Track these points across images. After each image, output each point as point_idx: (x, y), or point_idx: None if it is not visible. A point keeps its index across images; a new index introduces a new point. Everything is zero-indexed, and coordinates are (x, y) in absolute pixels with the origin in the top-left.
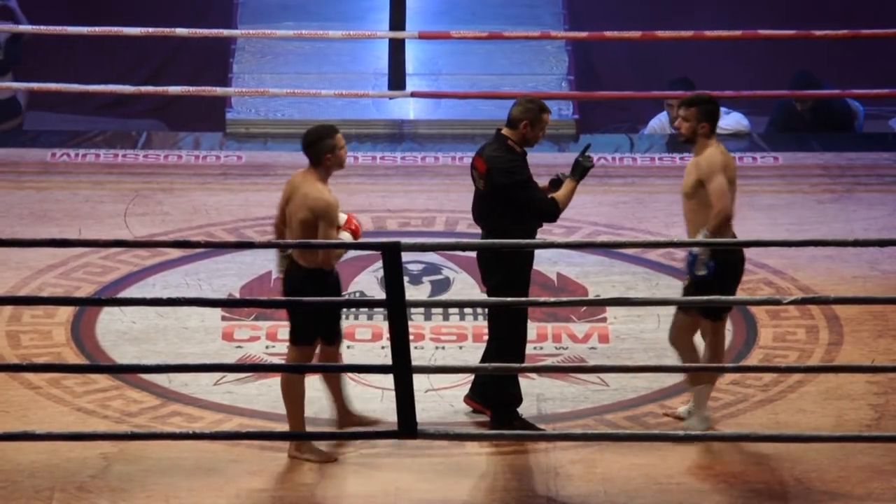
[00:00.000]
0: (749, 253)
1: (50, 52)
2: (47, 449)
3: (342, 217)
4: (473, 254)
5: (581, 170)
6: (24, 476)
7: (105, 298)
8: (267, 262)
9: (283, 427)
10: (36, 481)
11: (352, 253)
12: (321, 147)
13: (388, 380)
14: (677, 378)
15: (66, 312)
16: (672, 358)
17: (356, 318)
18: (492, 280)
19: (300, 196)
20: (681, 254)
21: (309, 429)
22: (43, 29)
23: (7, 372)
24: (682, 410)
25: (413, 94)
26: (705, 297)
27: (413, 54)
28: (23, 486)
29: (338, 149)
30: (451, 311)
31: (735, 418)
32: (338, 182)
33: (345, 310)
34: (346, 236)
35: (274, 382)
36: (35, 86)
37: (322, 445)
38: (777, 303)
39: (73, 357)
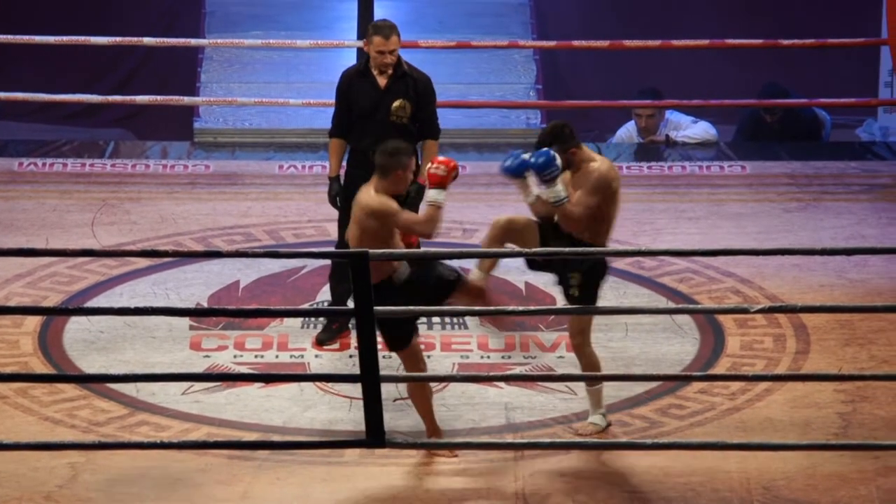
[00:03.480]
0: (716, 262)
1: (16, 60)
2: (14, 458)
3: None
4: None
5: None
6: None
7: (72, 308)
8: (235, 272)
9: (251, 436)
10: (2, 491)
11: (321, 262)
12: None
13: (356, 389)
14: (646, 386)
15: (33, 322)
16: (641, 366)
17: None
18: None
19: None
20: (648, 262)
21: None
22: (10, 38)
23: None
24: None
25: None
26: (679, 307)
27: None
28: None
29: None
30: (420, 320)
31: (702, 426)
32: (306, 191)
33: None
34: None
35: (242, 392)
36: (2, 95)
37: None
38: (744, 311)
39: (40, 367)
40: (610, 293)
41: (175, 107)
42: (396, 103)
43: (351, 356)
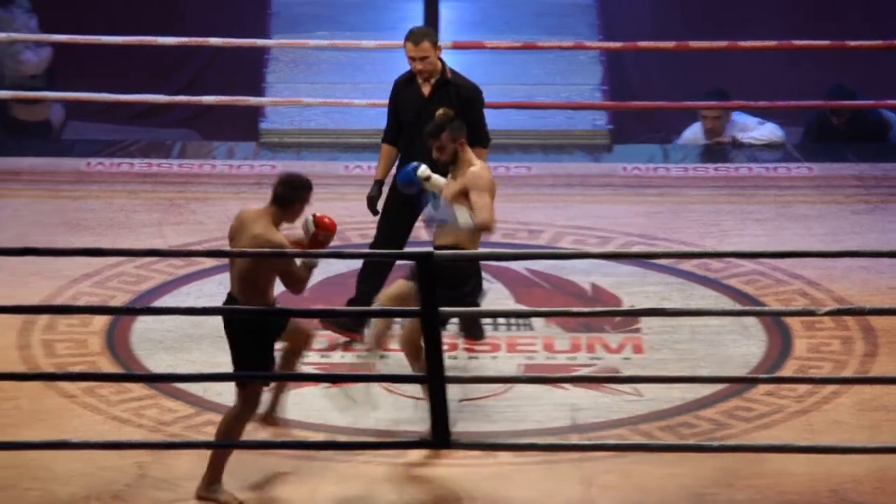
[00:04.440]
0: (784, 264)
1: (85, 61)
2: (82, 457)
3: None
4: (508, 264)
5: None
6: (59, 485)
7: (140, 307)
8: None
9: (317, 436)
10: (71, 490)
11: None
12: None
13: (421, 389)
14: (712, 388)
15: (100, 321)
16: (708, 368)
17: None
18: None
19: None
20: (715, 264)
21: (342, 439)
22: (78, 38)
23: (42, 381)
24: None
25: None
26: (746, 309)
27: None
28: (58, 495)
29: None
30: (485, 321)
31: (769, 429)
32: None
33: None
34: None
35: (308, 392)
36: (70, 95)
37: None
38: (812, 313)
39: (107, 366)
40: (676, 295)
41: (241, 107)
42: (439, 112)
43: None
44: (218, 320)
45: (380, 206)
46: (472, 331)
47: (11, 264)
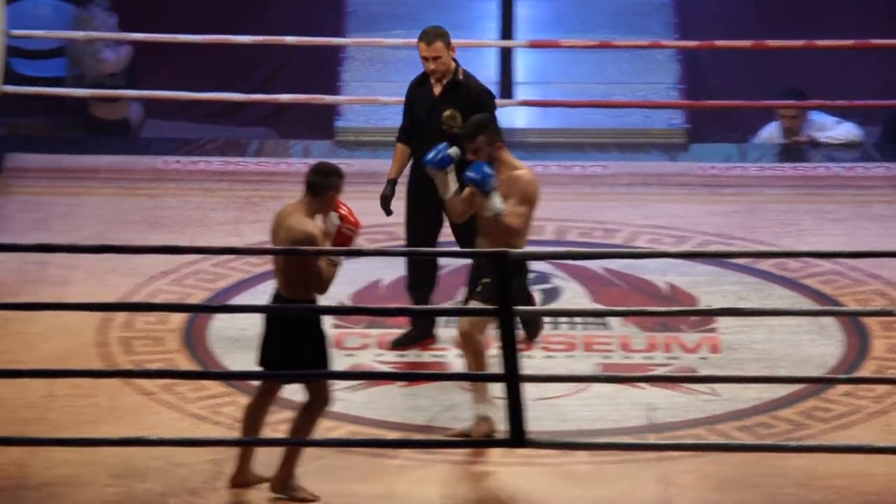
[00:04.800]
0: (862, 263)
1: (162, 60)
2: (159, 454)
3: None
4: (585, 263)
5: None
6: (137, 481)
7: (217, 305)
8: (377, 270)
9: (393, 435)
10: (149, 486)
11: (459, 261)
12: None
13: (498, 388)
14: (790, 389)
15: (178, 319)
16: (786, 368)
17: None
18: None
19: None
20: (793, 264)
21: (420, 438)
22: (156, 37)
23: (121, 378)
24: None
25: (523, 103)
26: (824, 309)
27: (522, 63)
28: (136, 491)
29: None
30: (562, 319)
31: (847, 430)
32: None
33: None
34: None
35: (384, 390)
36: (148, 94)
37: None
38: (890, 314)
39: (185, 363)
40: (753, 294)
41: (317, 105)
42: (447, 112)
43: (493, 357)
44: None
45: (394, 206)
46: (529, 329)
47: (89, 262)
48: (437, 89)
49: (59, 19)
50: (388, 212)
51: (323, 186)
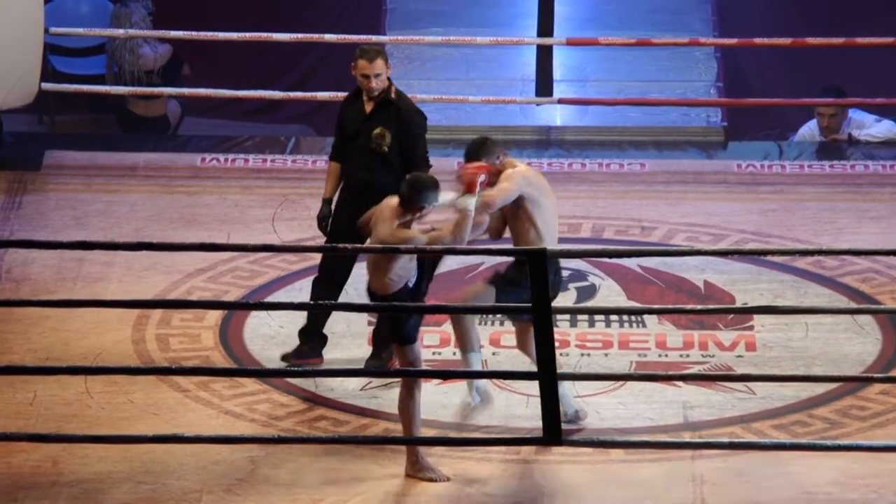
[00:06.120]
0: None
1: (200, 57)
2: (195, 451)
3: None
4: (621, 261)
5: None
6: (173, 478)
7: (253, 302)
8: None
9: (428, 432)
10: (184, 483)
11: (496, 259)
12: None
13: (533, 386)
14: (826, 387)
15: (214, 316)
16: (822, 367)
17: (501, 324)
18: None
19: None
20: (830, 262)
21: (454, 435)
22: (194, 35)
23: (157, 375)
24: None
25: (560, 101)
26: (861, 307)
27: (561, 60)
28: (172, 488)
29: None
30: (597, 317)
31: (884, 428)
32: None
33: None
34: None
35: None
36: (186, 91)
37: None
38: None
39: (221, 360)
40: (790, 292)
41: None
42: (376, 131)
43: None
44: (331, 316)
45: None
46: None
47: (127, 259)
48: (369, 107)
49: (99, 17)
50: (326, 232)
51: (415, 202)
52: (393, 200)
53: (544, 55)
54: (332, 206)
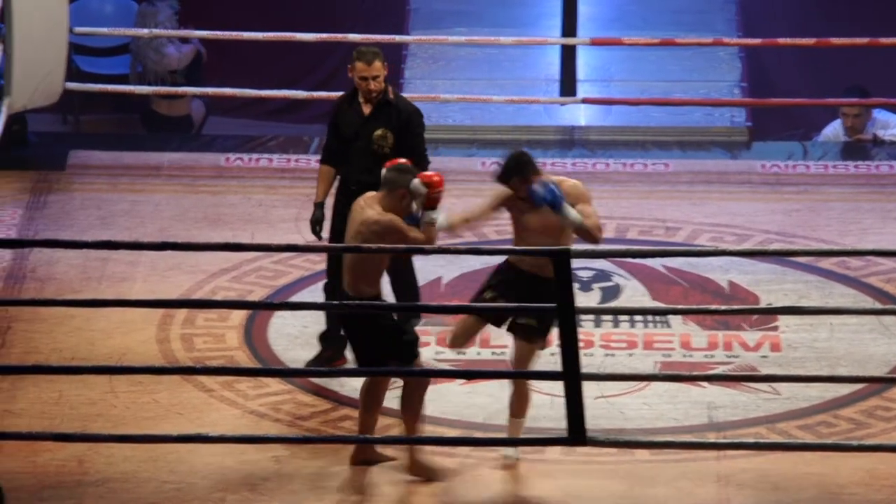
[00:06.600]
0: None
1: (224, 57)
2: (220, 451)
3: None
4: (645, 261)
5: None
6: (197, 478)
7: (277, 302)
8: (437, 268)
9: (453, 432)
10: (208, 483)
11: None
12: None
13: (557, 386)
14: (851, 388)
15: (238, 316)
16: (847, 367)
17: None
18: None
19: None
20: (855, 262)
21: (478, 435)
22: (219, 34)
23: (181, 374)
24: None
25: (584, 101)
26: (886, 307)
27: (584, 60)
28: (196, 488)
29: None
30: (622, 318)
31: None
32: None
33: None
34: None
35: (444, 388)
36: (210, 91)
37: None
38: None
39: (245, 360)
40: (815, 293)
41: None
42: (378, 132)
43: (552, 354)
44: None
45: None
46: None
47: (151, 258)
48: (367, 109)
49: (123, 17)
50: (319, 236)
51: (398, 183)
52: (369, 194)
53: (568, 55)
54: (324, 210)
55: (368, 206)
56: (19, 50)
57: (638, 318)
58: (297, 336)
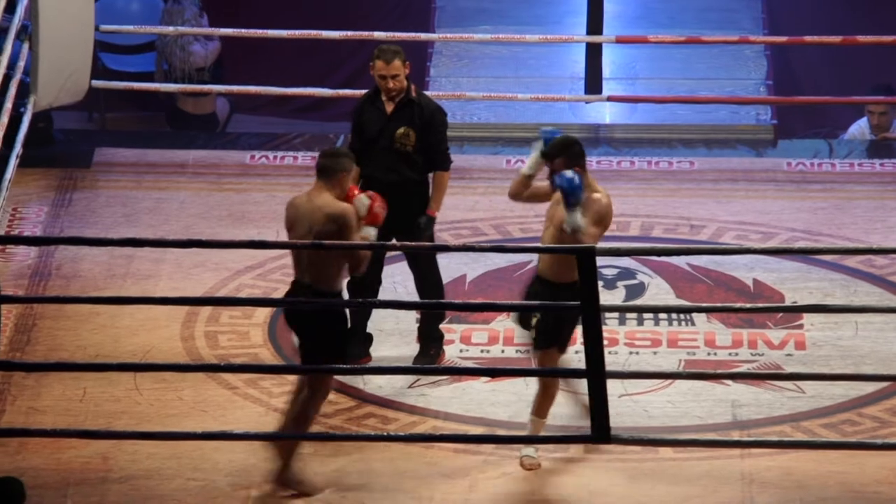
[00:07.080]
0: None
1: (250, 54)
2: (244, 448)
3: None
4: (670, 259)
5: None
6: (221, 475)
7: (302, 300)
8: (462, 266)
9: (477, 430)
10: (233, 480)
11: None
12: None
13: (581, 384)
14: (876, 386)
15: (263, 313)
16: (872, 365)
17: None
18: None
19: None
20: (880, 261)
21: (503, 434)
22: (244, 32)
23: (206, 372)
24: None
25: (609, 99)
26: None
27: (610, 58)
28: (220, 485)
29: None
30: (646, 315)
31: None
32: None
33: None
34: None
35: (468, 386)
36: (235, 88)
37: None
38: None
39: (269, 358)
40: (840, 291)
41: None
42: (400, 130)
43: (577, 352)
44: (378, 314)
45: None
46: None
47: (176, 256)
48: (390, 107)
49: (149, 14)
50: None
51: (334, 169)
52: (310, 189)
53: (593, 53)
54: None
55: (316, 198)
56: (45, 48)
57: (662, 315)
58: None
